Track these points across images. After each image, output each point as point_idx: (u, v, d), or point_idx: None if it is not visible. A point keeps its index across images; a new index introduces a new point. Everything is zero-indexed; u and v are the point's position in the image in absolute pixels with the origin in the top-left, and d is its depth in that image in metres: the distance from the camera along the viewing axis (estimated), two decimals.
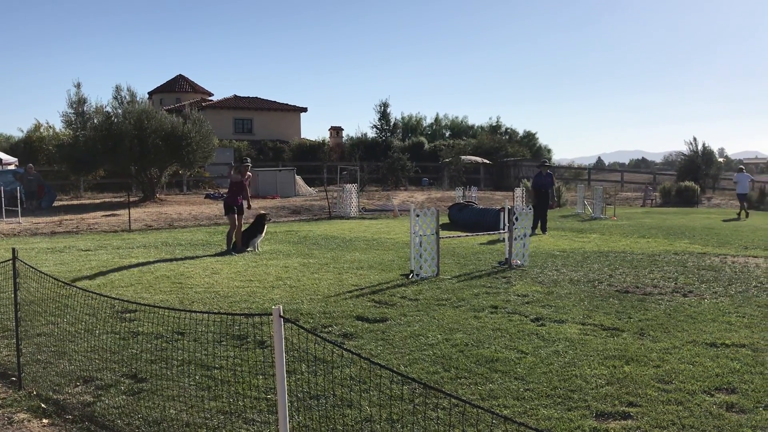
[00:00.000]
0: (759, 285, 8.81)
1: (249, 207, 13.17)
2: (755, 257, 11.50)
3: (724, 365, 5.39)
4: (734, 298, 8.01)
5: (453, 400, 4.51)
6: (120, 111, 25.96)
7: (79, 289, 5.89)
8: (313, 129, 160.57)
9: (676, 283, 8.98)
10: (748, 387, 4.89)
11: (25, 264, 5.80)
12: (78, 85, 26.46)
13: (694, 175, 34.28)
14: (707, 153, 36.94)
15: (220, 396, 4.83)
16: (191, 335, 6.31)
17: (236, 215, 12.55)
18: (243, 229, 12.80)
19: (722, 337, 6.23)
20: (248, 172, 13.08)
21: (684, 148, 37.71)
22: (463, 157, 40.09)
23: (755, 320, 6.85)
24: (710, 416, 4.39)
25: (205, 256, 11.90)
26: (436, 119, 61.72)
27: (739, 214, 22.18)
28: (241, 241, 12.57)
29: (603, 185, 29.53)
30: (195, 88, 51.26)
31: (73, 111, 26.43)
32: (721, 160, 51.37)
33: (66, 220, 19.15)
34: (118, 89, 26.36)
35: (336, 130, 47.98)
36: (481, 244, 13.62)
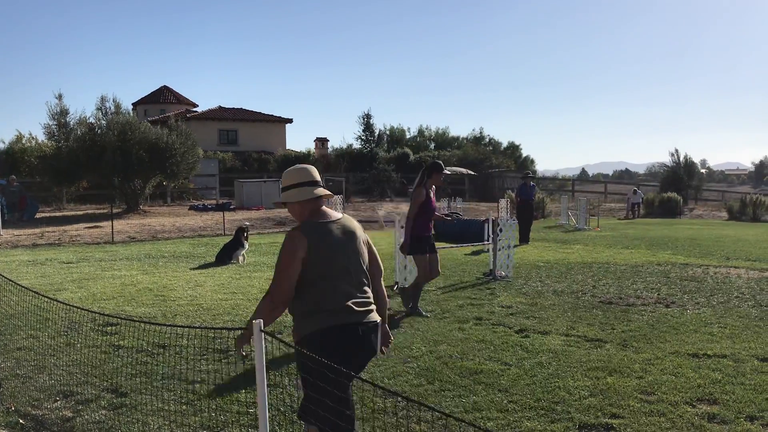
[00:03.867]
0: (740, 296, 8.88)
1: (453, 220, 9.68)
2: (737, 268, 11.61)
3: (706, 376, 5.42)
4: (716, 308, 8.07)
5: (436, 413, 4.50)
6: (104, 122, 25.83)
7: (60, 302, 5.83)
8: (298, 140, 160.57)
9: (658, 294, 9.03)
10: (730, 398, 4.92)
11: (5, 277, 5.74)
12: (59, 97, 26.33)
13: (677, 186, 34.62)
14: (689, 164, 37.36)
15: (202, 410, 4.78)
16: (173, 349, 6.26)
17: (429, 254, 7.85)
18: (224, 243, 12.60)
19: (704, 347, 6.28)
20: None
21: (667, 160, 38.12)
22: (447, 168, 40.27)
23: (737, 331, 6.91)
24: (692, 427, 4.41)
25: (189, 268, 11.82)
26: (420, 131, 61.92)
27: (632, 216, 28.83)
28: (224, 256, 12.42)
29: (587, 196, 29.72)
30: (179, 99, 51.13)
31: (54, 122, 26.26)
32: (703, 171, 51.97)
33: (48, 232, 18.97)
34: (103, 100, 26.26)
35: (321, 141, 48.04)
36: (465, 255, 13.64)
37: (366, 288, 3.46)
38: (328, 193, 3.49)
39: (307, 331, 3.30)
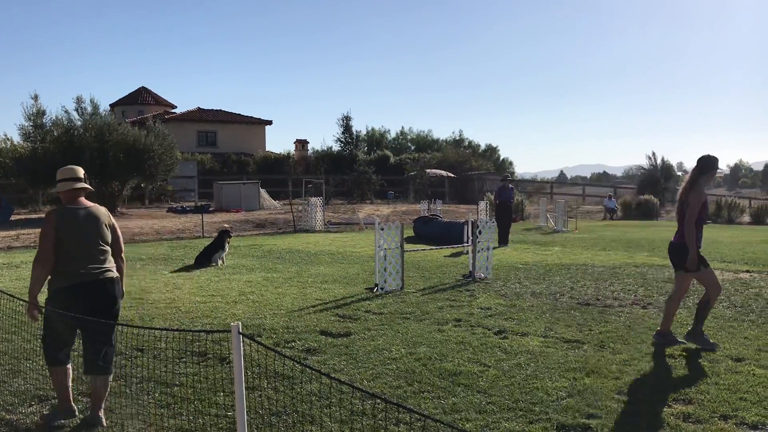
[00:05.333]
0: None
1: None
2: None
3: (682, 376, 5.50)
4: (691, 310, 8.14)
5: (415, 415, 4.51)
6: (80, 123, 25.52)
7: (36, 305, 5.74)
8: (278, 142, 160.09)
9: (635, 296, 9.13)
10: (704, 397, 4.99)
11: None
12: (35, 98, 25.98)
13: (654, 188, 35.00)
14: (666, 167, 37.81)
15: (180, 414, 4.75)
16: (151, 352, 6.20)
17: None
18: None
19: (679, 348, 6.35)
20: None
21: (644, 162, 38.53)
22: (428, 170, 40.33)
23: (711, 331, 6.99)
24: (668, 427, 4.47)
25: (167, 271, 11.73)
26: (401, 133, 62.05)
27: (610, 218, 29.76)
28: (204, 259, 12.33)
29: (565, 199, 29.94)
30: (158, 101, 50.74)
31: (30, 123, 25.89)
32: (680, 173, 52.59)
33: (23, 234, 18.70)
34: (79, 100, 25.91)
35: (301, 143, 47.88)
36: (445, 257, 13.69)
37: (103, 258, 4.76)
38: (84, 188, 4.81)
39: (53, 288, 4.67)
